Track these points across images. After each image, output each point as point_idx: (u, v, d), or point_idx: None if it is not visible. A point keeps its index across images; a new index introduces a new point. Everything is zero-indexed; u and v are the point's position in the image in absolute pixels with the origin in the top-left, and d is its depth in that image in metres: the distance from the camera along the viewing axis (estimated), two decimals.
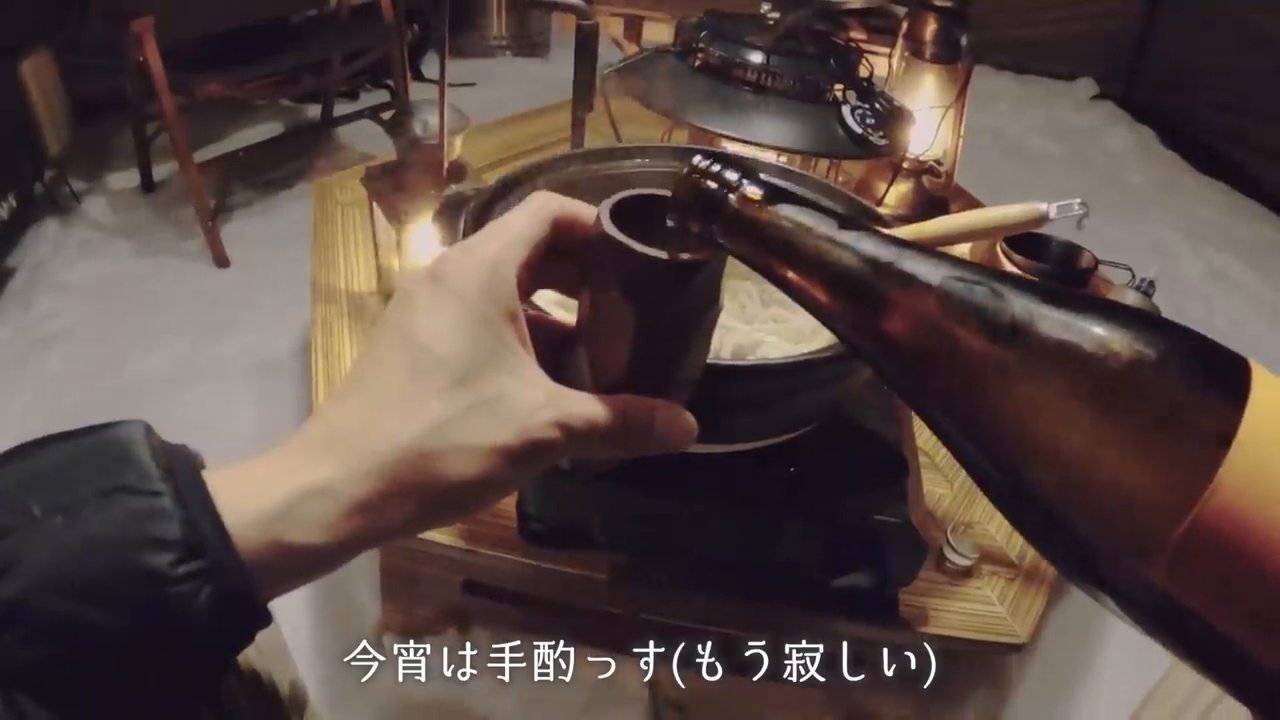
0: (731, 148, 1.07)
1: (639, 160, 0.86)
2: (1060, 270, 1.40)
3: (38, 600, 0.31)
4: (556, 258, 0.41)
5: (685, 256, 0.37)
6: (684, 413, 0.42)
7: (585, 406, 0.39)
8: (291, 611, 1.22)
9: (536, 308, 0.48)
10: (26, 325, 1.87)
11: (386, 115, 2.29)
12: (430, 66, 3.15)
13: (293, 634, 1.27)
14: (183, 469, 0.35)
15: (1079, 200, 0.82)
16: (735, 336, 0.74)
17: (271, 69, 2.19)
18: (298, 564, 0.35)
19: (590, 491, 0.79)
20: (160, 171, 2.37)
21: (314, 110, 2.74)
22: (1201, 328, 0.30)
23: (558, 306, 0.57)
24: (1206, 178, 2.96)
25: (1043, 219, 0.78)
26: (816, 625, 0.90)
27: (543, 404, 0.38)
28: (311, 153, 2.59)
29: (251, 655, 0.51)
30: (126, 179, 2.38)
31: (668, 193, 0.40)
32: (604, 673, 1.13)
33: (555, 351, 0.42)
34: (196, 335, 1.88)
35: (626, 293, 0.38)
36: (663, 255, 0.37)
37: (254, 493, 0.35)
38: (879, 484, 0.81)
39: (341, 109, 2.67)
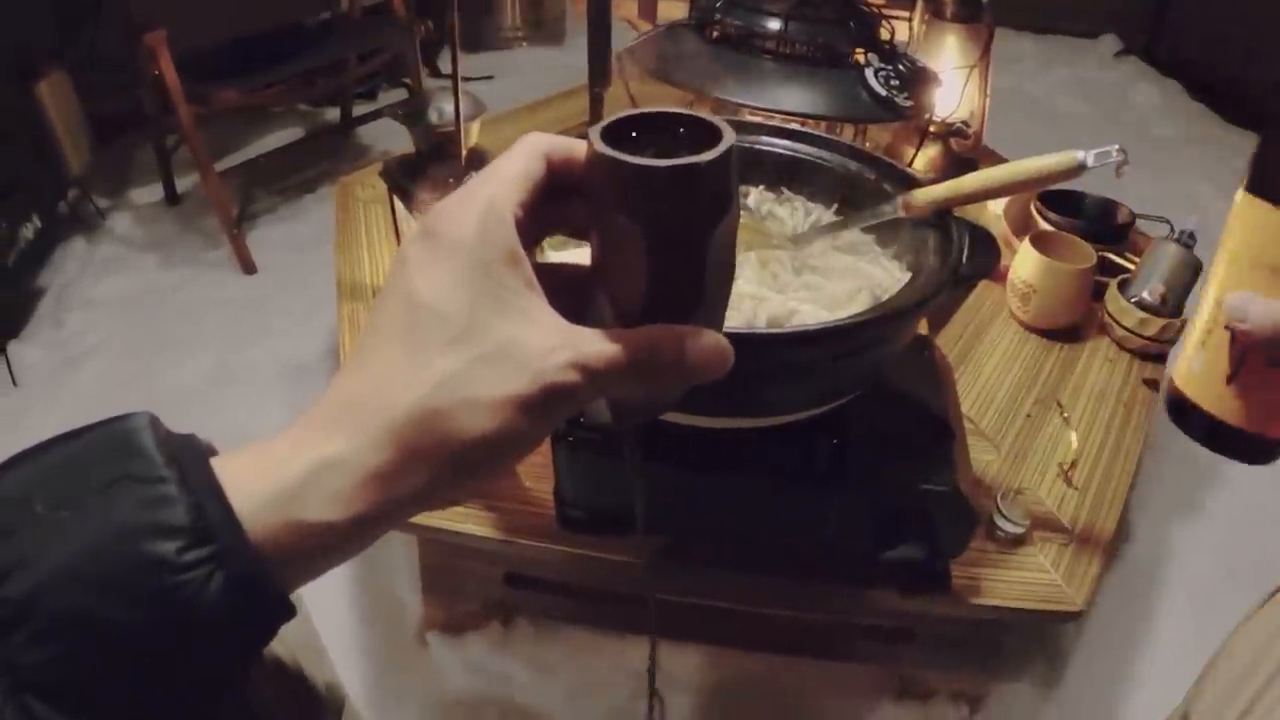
0: (754, 117, 1.04)
1: None
2: (1098, 225, 1.37)
3: (44, 598, 0.30)
4: (561, 200, 0.39)
5: (683, 160, 0.35)
6: (716, 335, 0.38)
7: (604, 343, 0.36)
8: (334, 609, 1.22)
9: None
10: (58, 343, 1.88)
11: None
12: (446, 61, 3.09)
13: (336, 632, 1.28)
14: (188, 455, 0.33)
15: (1116, 146, 0.78)
16: (769, 306, 0.72)
17: (286, 74, 2.18)
18: (316, 543, 0.34)
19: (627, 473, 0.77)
20: (183, 183, 2.38)
21: (333, 113, 2.74)
22: None
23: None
24: (1236, 128, 2.91)
25: (1080, 168, 0.75)
26: (866, 601, 0.87)
27: (556, 345, 0.35)
28: (333, 155, 2.58)
29: (282, 653, 0.50)
30: (150, 193, 2.39)
31: (663, 109, 0.38)
32: (642, 657, 1.13)
33: (577, 298, 0.40)
34: (226, 343, 1.88)
35: (629, 210, 0.36)
36: (658, 162, 0.34)
37: (266, 473, 0.34)
38: (925, 452, 0.78)
39: (361, 109, 2.66)
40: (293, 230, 2.28)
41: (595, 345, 0.36)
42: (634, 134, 0.37)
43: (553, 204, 0.39)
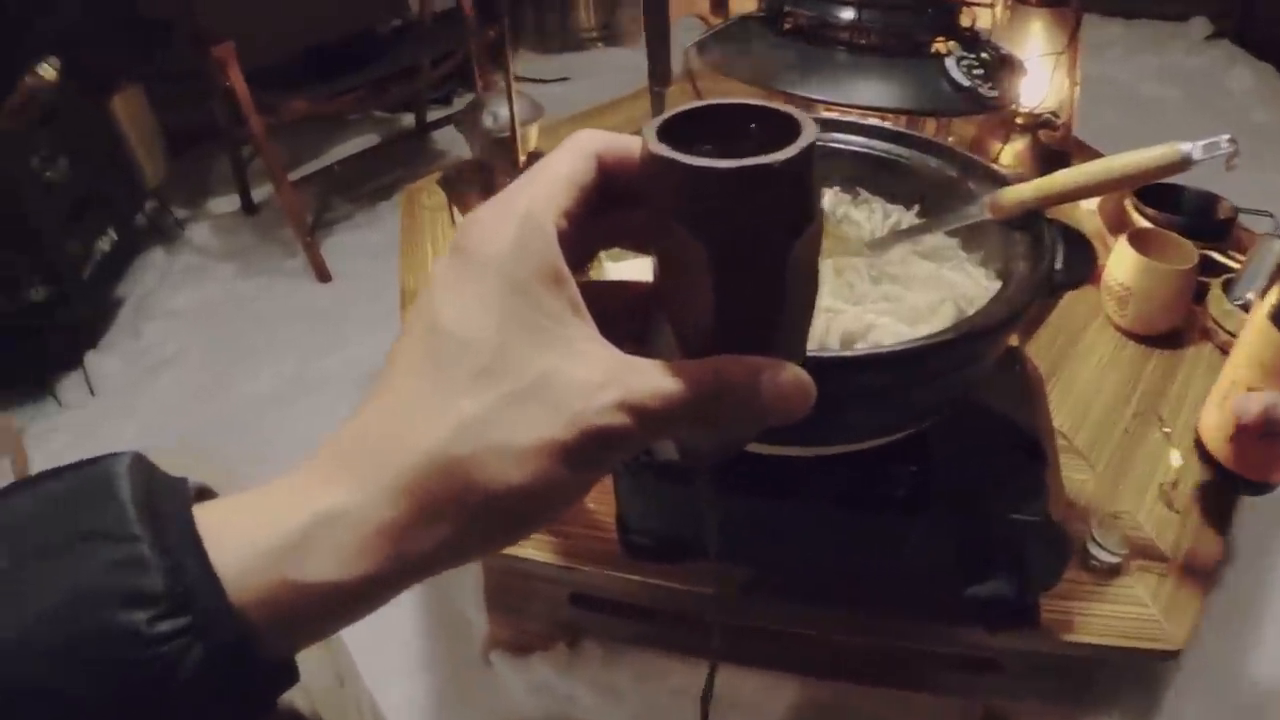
0: (828, 113, 0.98)
1: None
2: (1198, 221, 1.28)
3: (2, 669, 0.27)
4: (618, 206, 0.34)
5: (753, 160, 0.29)
6: (795, 369, 0.33)
7: (660, 378, 0.31)
8: (399, 625, 1.21)
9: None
10: (136, 354, 1.91)
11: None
12: (521, 65, 3.12)
13: (400, 648, 1.27)
14: (170, 507, 0.30)
15: (1227, 136, 0.70)
16: (843, 321, 0.66)
17: (356, 82, 2.19)
18: (317, 605, 0.30)
19: (694, 500, 0.73)
20: (260, 193, 2.41)
21: (409, 119, 2.74)
22: None
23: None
24: None
25: (1186, 162, 0.67)
26: (947, 635, 0.81)
27: (602, 381, 0.30)
28: (409, 161, 2.58)
29: (303, 706, 0.46)
30: (228, 203, 2.43)
31: (731, 101, 0.33)
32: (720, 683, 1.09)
33: (636, 324, 0.35)
34: (302, 352, 1.89)
35: (689, 221, 0.30)
36: (721, 163, 0.29)
37: (261, 525, 0.30)
38: (1015, 476, 0.72)
39: (436, 115, 2.66)
40: (368, 238, 2.29)
41: (649, 382, 0.31)
42: (698, 130, 0.32)
43: (609, 212, 0.34)
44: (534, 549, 0.83)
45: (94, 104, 2.03)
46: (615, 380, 0.30)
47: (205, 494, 0.33)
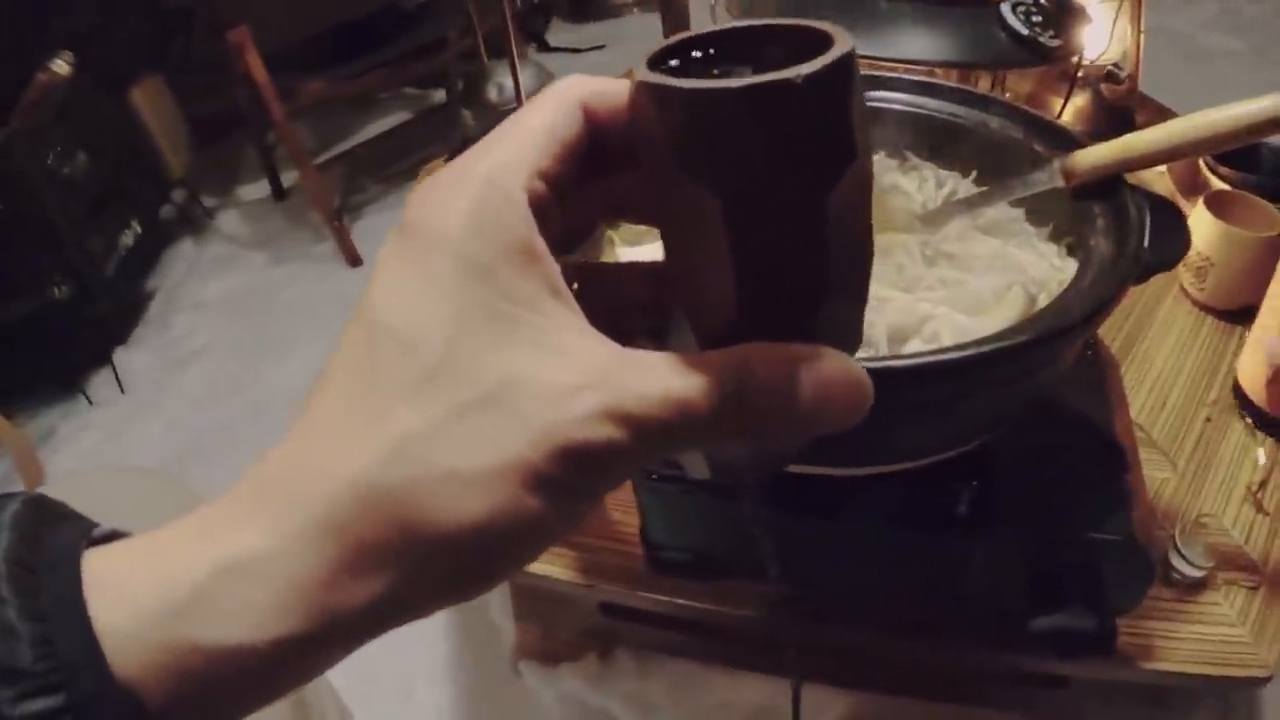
0: (871, 70, 0.89)
1: None
2: (1276, 182, 1.16)
3: None
4: (618, 171, 0.27)
5: (767, 77, 0.22)
6: (845, 359, 0.25)
7: (663, 376, 0.24)
8: (426, 630, 1.17)
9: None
10: (165, 346, 1.90)
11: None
12: (555, 34, 3.05)
13: (426, 654, 1.24)
14: (55, 560, 0.24)
15: None
16: (892, 312, 0.57)
17: (376, 60, 2.14)
18: (225, 674, 0.23)
19: (722, 511, 0.65)
20: (289, 178, 2.39)
21: (441, 95, 2.66)
22: None
23: None
24: None
25: None
26: (1013, 662, 0.72)
27: (581, 383, 0.23)
28: (443, 138, 2.50)
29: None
30: (257, 189, 2.41)
31: (747, 22, 0.26)
32: (757, 696, 1.02)
33: (652, 317, 0.29)
34: (331, 339, 1.85)
35: (695, 164, 0.23)
36: (726, 83, 0.22)
37: (159, 577, 0.24)
38: (1092, 487, 0.62)
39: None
40: (398, 218, 2.25)
41: (650, 381, 0.24)
42: (704, 61, 0.26)
43: (606, 177, 0.28)
44: (550, 565, 0.77)
45: (112, 97, 2.00)
46: (602, 380, 0.23)
47: (107, 537, 0.26)
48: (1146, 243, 0.53)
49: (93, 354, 1.83)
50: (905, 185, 0.72)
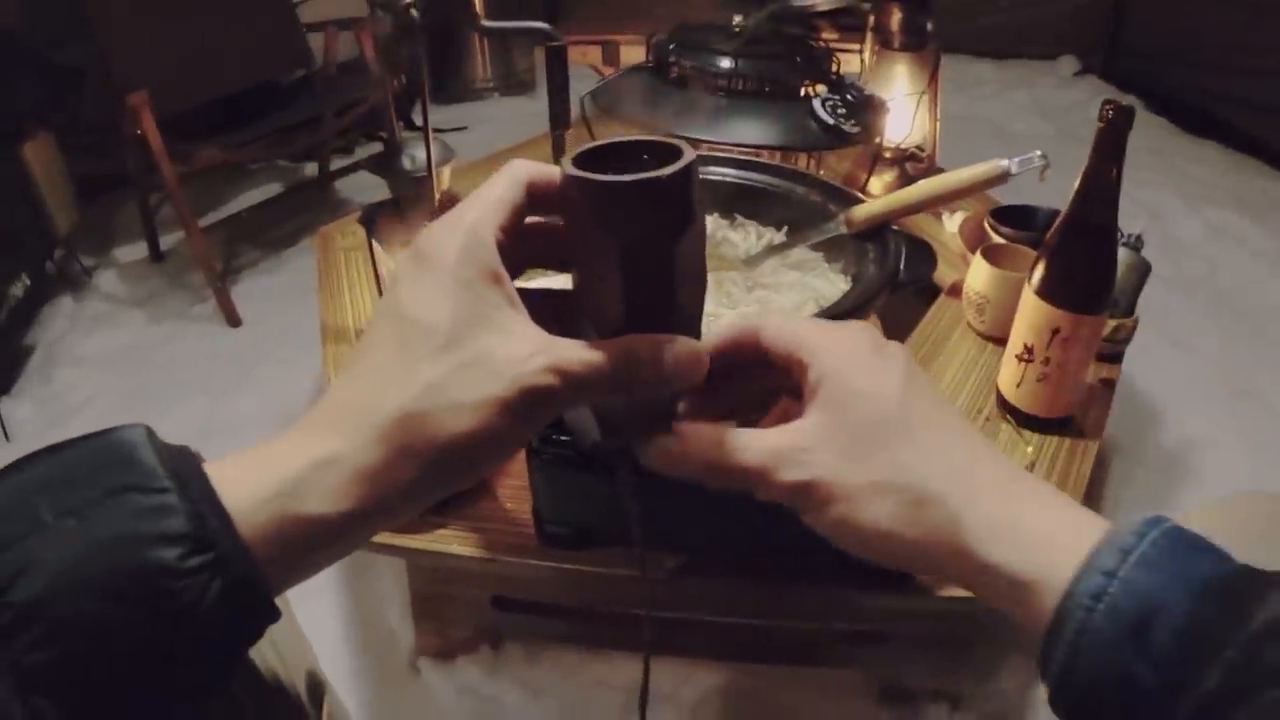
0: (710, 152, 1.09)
1: None
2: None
3: (50, 603, 0.32)
4: (541, 234, 0.43)
5: (647, 174, 0.38)
6: (690, 341, 0.41)
7: (581, 350, 0.39)
8: (326, 640, 1.24)
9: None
10: (47, 399, 1.90)
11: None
12: (419, 114, 3.16)
13: (328, 663, 1.27)
14: (186, 466, 0.36)
15: (1039, 152, 0.84)
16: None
17: (266, 130, 2.23)
18: (310, 538, 0.36)
19: (599, 487, 0.81)
20: (168, 240, 2.42)
21: (312, 168, 2.79)
22: (1205, 287, 0.32)
23: None
24: (1197, 139, 2.97)
25: (1004, 175, 0.81)
26: (839, 604, 0.90)
27: (533, 352, 0.38)
28: (312, 208, 2.63)
29: (262, 645, 0.52)
30: (135, 251, 2.43)
31: (629, 138, 0.41)
32: (631, 674, 1.15)
33: (562, 324, 0.42)
34: (214, 395, 1.90)
35: (601, 224, 0.39)
36: (625, 177, 0.38)
37: (265, 472, 0.37)
38: None
39: (338, 164, 2.72)
40: (275, 282, 2.31)
41: (572, 352, 0.39)
42: (604, 161, 0.40)
43: (534, 237, 0.43)
44: (457, 544, 0.90)
45: (4, 152, 2.03)
46: (545, 351, 0.39)
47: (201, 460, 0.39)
48: (902, 265, 0.74)
49: None
50: (734, 238, 0.93)
